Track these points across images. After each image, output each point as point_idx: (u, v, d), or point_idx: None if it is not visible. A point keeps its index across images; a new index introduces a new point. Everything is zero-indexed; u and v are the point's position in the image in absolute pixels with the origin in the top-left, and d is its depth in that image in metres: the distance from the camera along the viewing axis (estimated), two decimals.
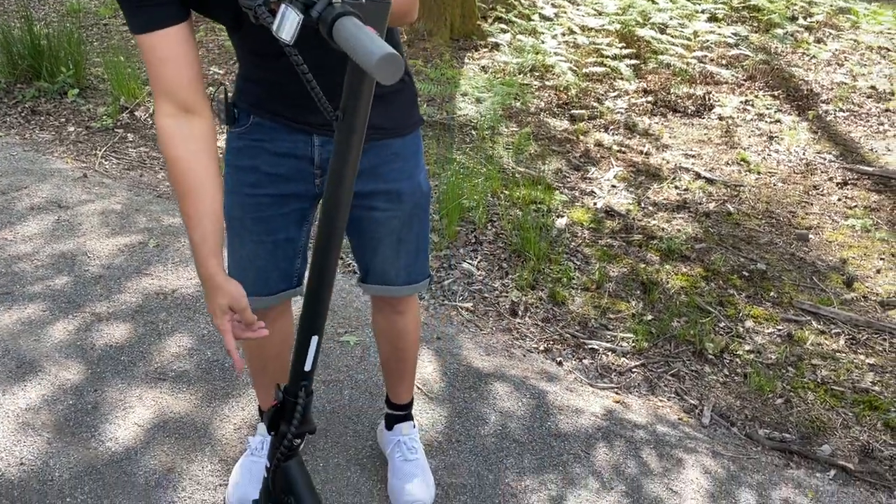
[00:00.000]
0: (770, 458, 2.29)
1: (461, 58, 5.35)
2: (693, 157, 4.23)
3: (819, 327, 2.89)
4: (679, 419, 2.42)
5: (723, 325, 2.86)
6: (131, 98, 4.36)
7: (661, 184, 3.89)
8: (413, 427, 2.08)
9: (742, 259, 3.29)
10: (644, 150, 4.23)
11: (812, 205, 3.81)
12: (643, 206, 3.66)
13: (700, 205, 3.72)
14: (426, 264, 1.77)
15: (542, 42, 5.23)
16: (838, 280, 3.19)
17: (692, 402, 2.51)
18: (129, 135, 4.11)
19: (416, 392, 2.27)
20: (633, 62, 5.11)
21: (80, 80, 4.55)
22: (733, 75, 5.25)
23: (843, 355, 2.74)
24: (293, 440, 1.21)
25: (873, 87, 5.27)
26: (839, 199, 3.87)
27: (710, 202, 3.76)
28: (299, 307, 2.48)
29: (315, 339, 1.15)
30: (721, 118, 4.73)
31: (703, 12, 5.94)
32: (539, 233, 3.23)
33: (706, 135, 4.52)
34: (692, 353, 2.71)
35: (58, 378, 2.34)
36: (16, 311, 2.62)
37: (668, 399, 2.52)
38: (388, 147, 1.57)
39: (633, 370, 2.63)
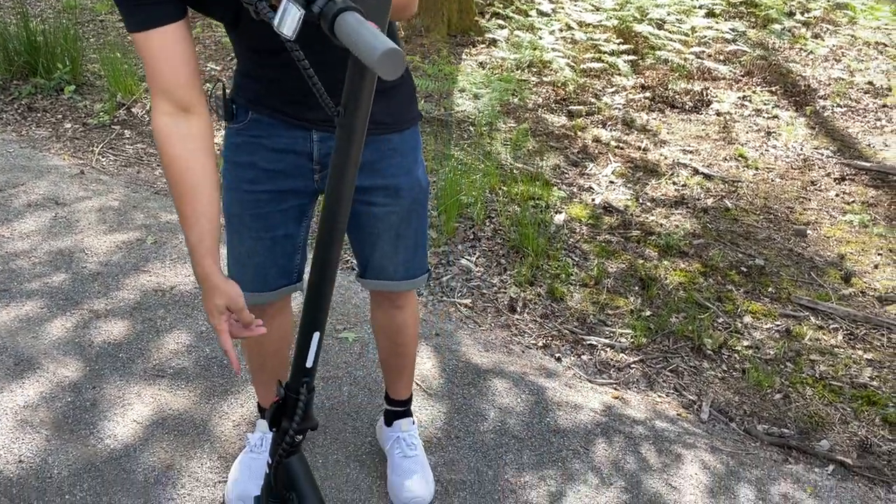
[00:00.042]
0: (769, 453, 2.30)
1: (458, 54, 5.34)
2: (691, 152, 4.23)
3: (817, 323, 2.89)
4: (678, 415, 2.43)
5: (721, 320, 2.87)
6: (128, 94, 4.35)
7: (658, 180, 3.89)
8: (412, 423, 2.08)
9: (740, 255, 3.29)
10: (642, 146, 4.23)
11: (810, 200, 3.82)
12: (641, 201, 3.66)
13: (698, 200, 3.72)
14: (425, 259, 1.77)
15: (540, 38, 5.23)
16: (836, 275, 3.20)
17: (691, 397, 2.51)
18: (126, 131, 4.10)
19: (415, 388, 2.27)
20: (631, 58, 5.11)
21: (77, 76, 4.53)
22: (731, 71, 5.25)
23: (842, 350, 2.75)
24: (295, 436, 1.21)
25: (870, 83, 5.28)
26: (837, 195, 3.88)
27: (708, 198, 3.76)
28: (298, 304, 2.47)
29: (317, 335, 1.15)
30: (719, 114, 4.73)
31: (700, 8, 5.94)
32: (537, 229, 3.23)
33: (704, 130, 4.52)
34: (691, 348, 2.72)
35: (56, 375, 2.33)
36: (13, 309, 2.61)
37: (667, 395, 2.52)
38: (387, 142, 1.57)
39: (632, 366, 2.63)
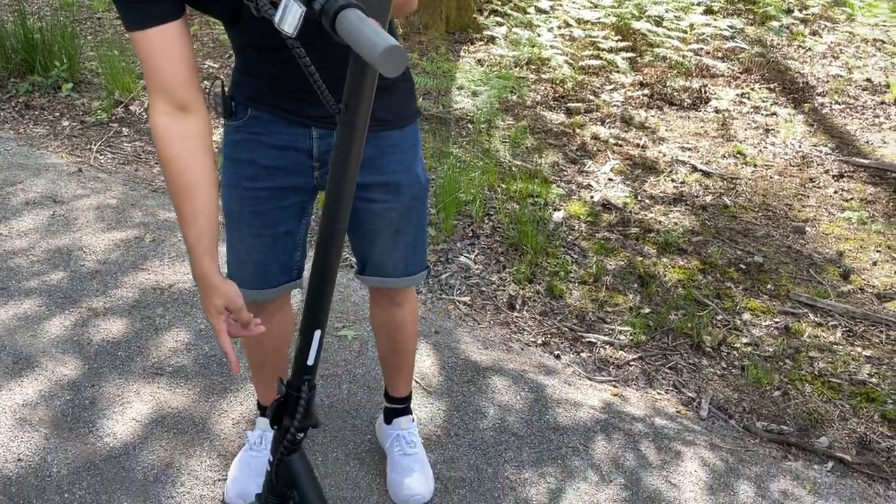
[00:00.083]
0: (768, 450, 2.30)
1: (457, 51, 5.34)
2: (689, 150, 4.23)
3: (816, 320, 2.89)
4: (677, 412, 2.43)
5: (720, 317, 2.87)
6: (126, 92, 4.34)
7: (657, 177, 3.89)
8: (412, 421, 2.07)
9: (739, 252, 3.29)
10: (640, 144, 4.23)
11: (808, 197, 3.82)
12: (640, 199, 3.66)
13: (697, 198, 3.72)
14: (424, 256, 1.76)
15: (538, 35, 5.22)
16: (835, 272, 3.20)
17: (690, 394, 2.51)
18: (123, 129, 4.09)
19: (414, 386, 2.27)
20: (630, 55, 5.10)
21: (74, 74, 4.52)
22: (729, 68, 5.25)
23: (840, 347, 2.75)
24: (296, 434, 1.21)
25: (869, 80, 5.28)
26: (835, 192, 3.88)
27: (707, 195, 3.76)
28: (297, 301, 2.47)
29: (318, 332, 1.15)
30: (717, 111, 4.72)
31: (698, 5, 5.93)
32: (536, 226, 3.23)
33: (702, 128, 4.52)
34: (690, 345, 2.72)
35: (55, 374, 2.33)
36: (12, 307, 2.61)
37: (666, 392, 2.52)
38: (387, 139, 1.57)
39: (631, 363, 2.63)
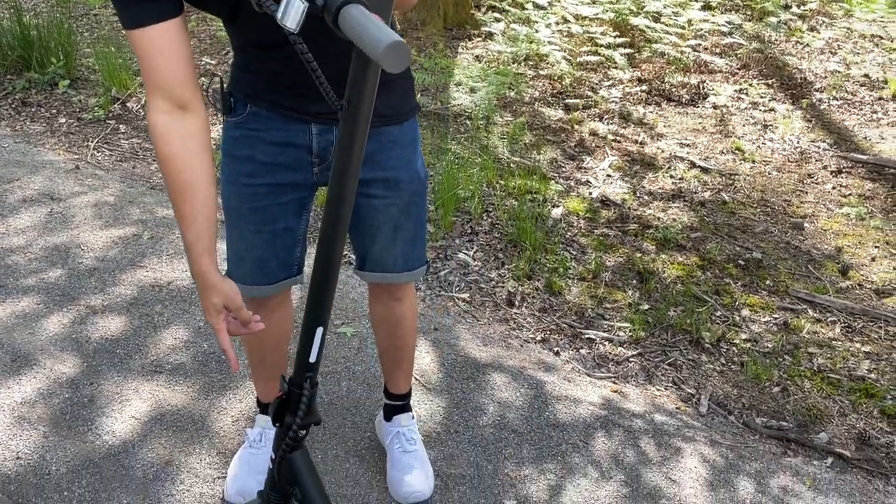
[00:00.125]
0: (768, 446, 2.30)
1: (455, 47, 5.33)
2: (688, 146, 4.22)
3: (815, 315, 2.89)
4: (676, 408, 2.43)
5: (719, 314, 2.87)
6: (123, 89, 4.32)
7: (656, 173, 3.88)
8: (412, 418, 2.07)
9: (738, 248, 3.29)
10: (639, 140, 4.23)
11: (807, 193, 3.82)
12: (638, 195, 3.66)
13: (695, 194, 3.72)
14: (423, 251, 1.76)
15: (536, 31, 5.21)
16: (834, 268, 3.20)
17: (689, 391, 2.51)
18: (121, 126, 4.08)
19: (413, 383, 2.26)
20: (628, 51, 5.10)
21: (71, 70, 4.51)
22: (727, 64, 5.25)
23: (839, 343, 2.75)
24: (298, 432, 1.21)
25: (866, 76, 5.28)
26: (833, 188, 3.88)
27: (706, 191, 3.76)
28: (297, 298, 2.46)
29: (320, 330, 1.14)
30: (715, 107, 4.72)
31: (696, 0, 5.93)
32: (535, 223, 3.23)
33: (700, 124, 4.51)
34: (689, 342, 2.72)
35: (53, 371, 2.32)
36: (9, 305, 2.60)
37: (666, 388, 2.52)
38: (386, 134, 1.56)
39: (631, 360, 2.63)
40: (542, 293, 2.92)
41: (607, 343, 2.70)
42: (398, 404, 2.06)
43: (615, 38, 5.20)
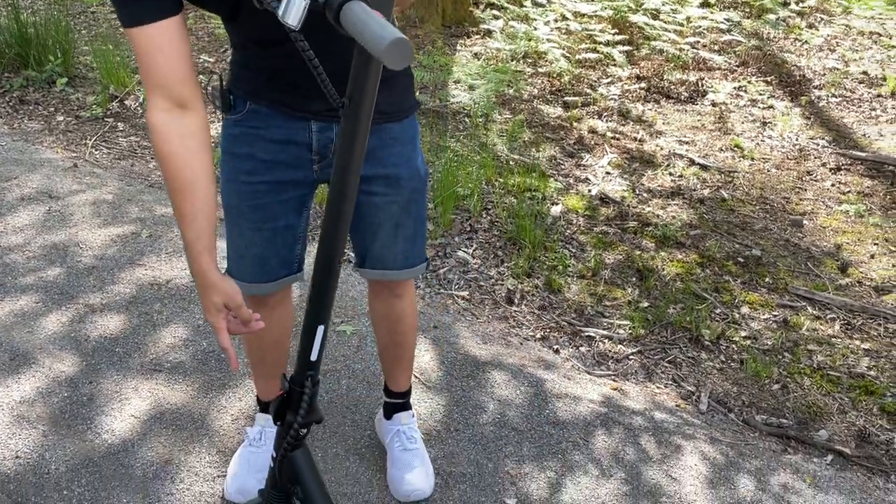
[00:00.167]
0: (767, 443, 2.30)
1: (453, 45, 5.32)
2: (687, 143, 4.22)
3: (814, 313, 2.89)
4: (676, 406, 2.43)
5: (719, 311, 2.87)
6: (121, 87, 4.31)
7: (655, 170, 3.88)
8: (412, 416, 2.07)
9: (737, 245, 3.29)
10: (638, 137, 4.22)
11: (806, 190, 3.82)
12: (638, 192, 3.66)
13: (694, 191, 3.72)
14: (423, 248, 1.76)
15: (535, 28, 5.21)
16: (833, 265, 3.20)
17: (689, 388, 2.51)
18: (119, 124, 4.07)
19: (413, 381, 2.26)
20: (626, 48, 5.09)
21: (69, 68, 4.50)
22: (726, 61, 5.24)
23: (839, 340, 2.75)
24: (300, 430, 1.21)
25: (865, 73, 5.28)
26: (833, 185, 3.88)
27: (705, 188, 3.76)
28: (297, 296, 2.45)
29: (321, 328, 1.14)
30: (714, 104, 4.72)
31: None
32: (534, 220, 3.23)
33: (699, 121, 4.51)
34: (689, 339, 2.72)
35: (52, 370, 2.32)
36: (8, 303, 2.59)
37: (666, 386, 2.52)
38: (387, 131, 1.56)
39: (630, 357, 2.63)
40: (541, 291, 2.91)
41: (607, 341, 2.69)
42: (398, 402, 2.06)
43: (614, 35, 5.19)
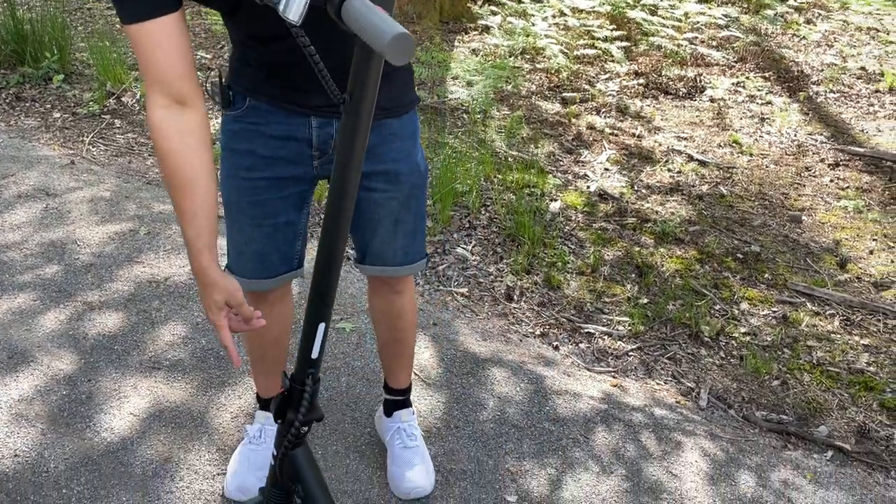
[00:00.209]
0: (768, 439, 2.30)
1: (451, 41, 5.31)
2: (685, 139, 4.22)
3: (814, 309, 2.89)
4: (676, 402, 2.42)
5: (718, 307, 2.86)
6: (118, 83, 4.30)
7: (653, 166, 3.88)
8: (412, 414, 2.07)
9: (736, 241, 3.29)
10: (636, 133, 4.22)
11: (804, 186, 3.82)
12: (636, 189, 3.65)
13: (693, 187, 3.71)
14: (423, 244, 1.76)
15: (533, 24, 5.20)
16: (832, 261, 3.20)
17: (689, 384, 2.51)
18: (116, 121, 4.06)
19: (413, 378, 2.25)
20: (624, 44, 5.08)
21: (65, 65, 4.48)
22: (724, 57, 5.24)
23: (838, 336, 2.75)
24: (300, 428, 1.20)
25: (863, 69, 5.28)
26: (831, 181, 3.88)
27: (703, 184, 3.75)
28: (297, 294, 2.44)
29: (322, 326, 1.13)
30: (712, 100, 4.72)
31: None
32: (533, 217, 3.22)
33: (698, 117, 4.51)
34: (688, 335, 2.71)
35: (50, 368, 2.31)
36: (6, 301, 2.58)
37: (665, 382, 2.52)
38: (387, 127, 1.55)
39: (630, 354, 2.63)
40: (540, 287, 2.91)
41: (606, 337, 2.69)
42: (398, 399, 2.05)
43: (612, 31, 5.18)
